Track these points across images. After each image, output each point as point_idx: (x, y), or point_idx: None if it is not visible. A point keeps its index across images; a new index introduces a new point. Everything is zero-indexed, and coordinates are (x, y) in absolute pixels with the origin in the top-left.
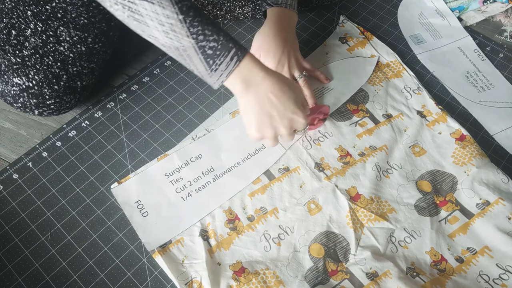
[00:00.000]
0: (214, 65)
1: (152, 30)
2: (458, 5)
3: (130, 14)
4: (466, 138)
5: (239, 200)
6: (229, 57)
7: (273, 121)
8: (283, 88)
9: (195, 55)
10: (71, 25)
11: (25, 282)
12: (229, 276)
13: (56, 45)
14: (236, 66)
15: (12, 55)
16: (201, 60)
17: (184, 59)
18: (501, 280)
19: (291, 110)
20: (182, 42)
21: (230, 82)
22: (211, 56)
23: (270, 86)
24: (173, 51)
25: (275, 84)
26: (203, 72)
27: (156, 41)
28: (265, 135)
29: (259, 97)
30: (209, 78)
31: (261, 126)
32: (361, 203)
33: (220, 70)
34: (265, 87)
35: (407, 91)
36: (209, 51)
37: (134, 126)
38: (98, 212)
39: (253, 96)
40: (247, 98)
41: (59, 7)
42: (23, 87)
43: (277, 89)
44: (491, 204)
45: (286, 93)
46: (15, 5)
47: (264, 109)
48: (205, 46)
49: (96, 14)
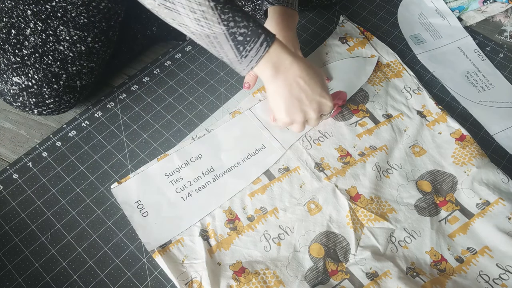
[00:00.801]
0: (245, 51)
1: (183, 18)
2: (458, 5)
3: (161, 2)
4: (466, 138)
5: (239, 200)
6: (259, 43)
7: (302, 105)
8: (310, 73)
9: (225, 42)
10: (71, 24)
11: (25, 282)
12: (229, 276)
13: (56, 44)
14: (266, 51)
15: (11, 54)
16: (232, 46)
17: (214, 47)
18: (501, 280)
19: (318, 94)
20: (213, 29)
21: (259, 67)
22: (242, 43)
23: (298, 70)
24: (203, 39)
25: (302, 68)
26: (233, 59)
27: (186, 29)
28: (295, 119)
29: (288, 81)
30: (239, 64)
31: (290, 110)
32: (361, 203)
33: (250, 56)
34: (293, 71)
35: (407, 91)
36: (239, 37)
37: (134, 126)
38: (98, 212)
39: (282, 81)
40: (276, 83)
41: (59, 6)
42: (22, 86)
43: (305, 74)
44: (491, 204)
45: (314, 78)
46: (15, 4)
47: (293, 93)
48: (236, 32)
49: (96, 13)
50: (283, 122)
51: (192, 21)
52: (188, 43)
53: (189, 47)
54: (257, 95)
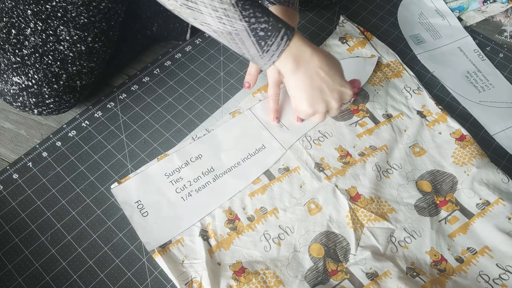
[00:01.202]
0: (266, 46)
1: (205, 17)
2: (458, 5)
3: (183, 2)
4: (466, 138)
5: (239, 200)
6: (280, 37)
7: (324, 95)
8: (330, 63)
9: (247, 38)
10: (71, 24)
11: (25, 282)
12: (229, 276)
13: (56, 44)
14: (286, 45)
15: (11, 54)
16: (253, 42)
17: (236, 43)
18: (501, 280)
19: (339, 83)
20: (235, 26)
21: (281, 61)
22: (263, 38)
23: (319, 61)
24: (224, 36)
25: (322, 59)
26: (255, 54)
27: (208, 27)
28: (317, 109)
29: (309, 73)
30: (260, 59)
31: (313, 101)
32: (361, 203)
33: (271, 50)
34: (314, 63)
35: (407, 91)
36: (260, 32)
37: (134, 126)
38: (98, 212)
39: (303, 73)
40: (297, 76)
41: (59, 6)
42: (22, 86)
43: (325, 65)
44: (491, 204)
45: (333, 68)
46: (15, 4)
47: (314, 84)
48: (257, 28)
49: (96, 13)
50: (306, 114)
51: (214, 20)
52: (188, 43)
53: (189, 47)
54: (257, 95)
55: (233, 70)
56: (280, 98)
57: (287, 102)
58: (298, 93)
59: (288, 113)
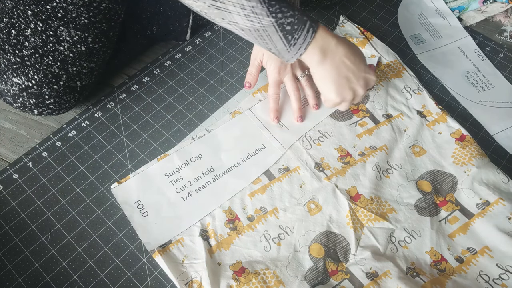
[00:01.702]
0: (293, 40)
1: (233, 16)
2: (458, 5)
3: (211, 3)
4: (466, 138)
5: (239, 200)
6: (306, 29)
7: (351, 83)
8: (354, 51)
9: (274, 33)
10: (71, 25)
11: (25, 282)
12: (229, 276)
13: (56, 44)
14: (312, 37)
15: (11, 54)
16: (281, 37)
17: (263, 39)
18: (501, 280)
19: (363, 70)
20: (263, 22)
21: (308, 53)
22: (290, 32)
23: (343, 51)
24: (252, 34)
25: (346, 48)
26: (282, 49)
27: (235, 26)
28: (345, 98)
29: (336, 63)
30: (287, 53)
31: (341, 90)
32: (361, 203)
33: (298, 43)
34: (339, 53)
35: (407, 91)
36: (287, 27)
37: (134, 126)
38: (98, 212)
39: (330, 63)
40: (324, 67)
41: (59, 7)
42: (22, 86)
43: (349, 53)
44: (491, 204)
45: (357, 56)
46: (16, 5)
47: (341, 73)
48: (284, 22)
49: (96, 14)
50: (334, 103)
51: (242, 18)
52: (188, 43)
53: (189, 47)
54: (257, 95)
55: (233, 70)
56: (280, 98)
57: (287, 102)
58: (326, 84)
59: (288, 113)
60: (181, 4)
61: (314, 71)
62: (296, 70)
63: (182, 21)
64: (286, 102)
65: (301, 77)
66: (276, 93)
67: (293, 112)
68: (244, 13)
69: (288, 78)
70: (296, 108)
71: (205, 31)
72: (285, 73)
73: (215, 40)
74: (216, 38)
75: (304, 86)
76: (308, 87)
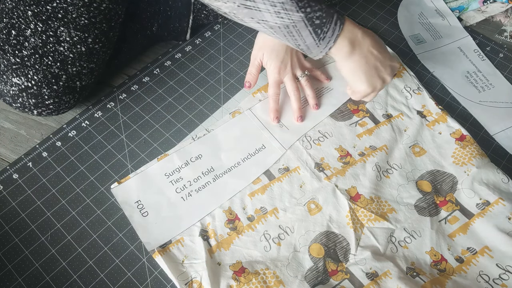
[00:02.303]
0: (322, 33)
1: (264, 14)
2: (458, 5)
3: (242, 3)
4: (466, 138)
5: (239, 200)
6: (333, 22)
7: (380, 72)
8: (378, 41)
9: (304, 28)
10: (71, 25)
11: (25, 282)
12: (229, 276)
13: (56, 45)
14: (341, 30)
15: (11, 55)
16: (310, 32)
17: (292, 36)
18: (501, 280)
19: (389, 59)
20: (293, 18)
21: (336, 46)
22: (319, 26)
23: (370, 41)
24: (281, 31)
25: (372, 38)
26: (311, 43)
27: (265, 24)
28: (376, 87)
29: (364, 54)
30: (316, 48)
31: (371, 80)
32: (361, 203)
33: (327, 37)
34: (366, 43)
35: (407, 91)
36: (316, 21)
37: (134, 126)
38: (98, 212)
39: (359, 54)
40: (353, 59)
41: (60, 7)
42: (22, 87)
43: (374, 43)
44: (491, 204)
45: (381, 45)
46: (16, 5)
47: (370, 63)
48: (313, 17)
49: (97, 14)
50: (365, 94)
51: (272, 15)
52: (188, 43)
53: (189, 47)
54: (257, 95)
55: (233, 70)
56: (280, 98)
57: (287, 102)
58: (357, 75)
59: (288, 113)
60: (181, 4)
61: (343, 64)
62: (296, 70)
63: (182, 21)
64: (286, 102)
65: (301, 77)
66: (276, 93)
67: (293, 112)
68: (274, 10)
69: (288, 78)
70: (296, 108)
71: (205, 31)
72: (285, 73)
73: (215, 40)
74: (216, 38)
75: (304, 86)
76: (308, 87)
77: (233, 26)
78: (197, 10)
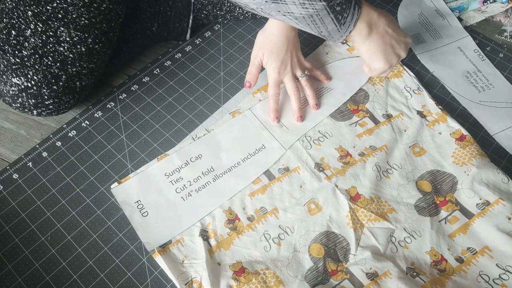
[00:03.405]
0: (343, 19)
1: (289, 6)
2: (458, 5)
3: None
4: (466, 138)
5: (239, 200)
6: (352, 7)
7: (395, 50)
8: (391, 19)
9: (326, 16)
10: (71, 25)
11: (25, 282)
12: (229, 276)
13: (56, 45)
14: (359, 13)
15: (11, 55)
16: (333, 18)
17: (316, 24)
18: (501, 280)
19: (402, 35)
20: (316, 7)
21: (356, 30)
22: (340, 12)
23: (385, 21)
24: (305, 20)
25: (386, 18)
26: (332, 29)
27: (290, 16)
28: (392, 63)
29: (380, 33)
30: (337, 33)
31: (388, 57)
32: (361, 203)
33: (347, 21)
34: (382, 23)
35: (407, 91)
36: (337, 7)
37: (134, 126)
38: (98, 212)
39: (376, 34)
40: (371, 39)
41: (60, 8)
42: (21, 87)
43: (389, 22)
44: (491, 204)
45: (394, 22)
46: (16, 5)
47: (386, 42)
48: (334, 4)
49: (97, 14)
50: (382, 70)
51: (297, 7)
52: (188, 43)
53: (189, 47)
54: (257, 95)
55: (233, 70)
56: (280, 98)
57: (287, 102)
58: (375, 54)
59: (288, 113)
60: (181, 4)
61: (361, 46)
62: (296, 70)
63: (182, 21)
64: (286, 102)
65: (301, 77)
66: (276, 93)
67: (293, 112)
68: (300, 1)
69: (288, 78)
70: (296, 108)
71: (205, 31)
72: (285, 73)
73: (215, 40)
74: (216, 38)
75: (304, 86)
76: (308, 87)
77: (233, 26)
78: (197, 10)
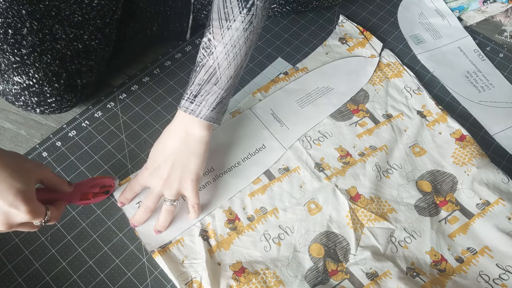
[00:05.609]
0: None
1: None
2: (458, 5)
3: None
4: (466, 138)
5: (239, 200)
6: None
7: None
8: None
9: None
10: (65, 22)
11: (25, 282)
12: (229, 276)
13: (53, 43)
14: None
15: (10, 54)
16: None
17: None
18: (501, 280)
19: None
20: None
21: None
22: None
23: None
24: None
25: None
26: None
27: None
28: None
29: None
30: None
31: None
32: (361, 203)
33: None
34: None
35: (407, 91)
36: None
37: (134, 126)
38: (98, 212)
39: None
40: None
41: (52, 5)
42: (24, 85)
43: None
44: (491, 204)
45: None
46: (9, 5)
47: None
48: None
49: (89, 11)
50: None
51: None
52: (188, 43)
53: (189, 47)
54: (257, 95)
55: None
56: (280, 98)
57: (287, 102)
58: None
59: (288, 112)
60: (181, 4)
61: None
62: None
63: (182, 21)
64: (286, 102)
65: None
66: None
67: (156, 224)
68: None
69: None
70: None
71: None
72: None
73: None
74: None
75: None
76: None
77: None
78: (197, 10)
